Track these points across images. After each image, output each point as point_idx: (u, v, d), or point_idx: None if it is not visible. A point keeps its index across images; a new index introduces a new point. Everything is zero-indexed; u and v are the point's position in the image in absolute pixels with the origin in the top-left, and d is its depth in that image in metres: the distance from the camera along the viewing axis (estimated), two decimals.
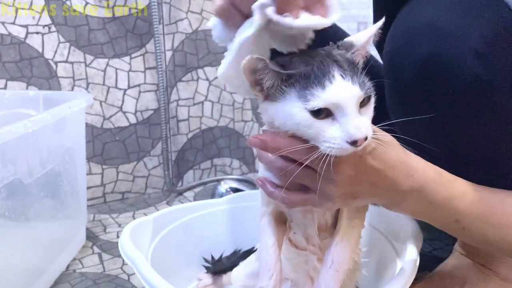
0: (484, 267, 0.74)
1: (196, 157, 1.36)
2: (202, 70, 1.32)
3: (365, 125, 0.45)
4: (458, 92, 0.56)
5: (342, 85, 0.45)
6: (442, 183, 0.55)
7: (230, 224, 0.84)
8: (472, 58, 0.54)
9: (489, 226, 0.57)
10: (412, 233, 0.68)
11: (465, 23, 0.55)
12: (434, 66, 0.56)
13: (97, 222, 1.12)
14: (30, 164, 0.70)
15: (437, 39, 0.55)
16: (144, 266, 0.59)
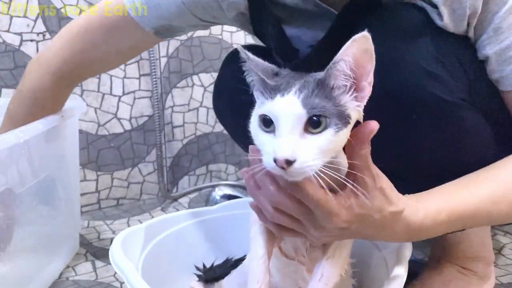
0: (463, 269, 0.77)
1: (191, 163, 1.37)
2: (197, 76, 1.32)
3: (292, 147, 0.41)
4: (422, 117, 0.57)
5: (287, 99, 0.43)
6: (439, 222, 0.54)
7: (222, 232, 0.84)
8: (427, 79, 0.55)
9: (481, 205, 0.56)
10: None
11: (412, 48, 0.56)
12: (394, 93, 0.56)
13: (91, 228, 1.12)
14: (22, 173, 0.70)
15: (390, 67, 0.55)
16: (133, 277, 0.59)
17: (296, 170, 0.42)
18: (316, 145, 0.42)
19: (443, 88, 0.56)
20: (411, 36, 0.57)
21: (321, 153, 0.43)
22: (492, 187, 0.56)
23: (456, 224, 0.56)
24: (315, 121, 0.42)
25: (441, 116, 0.57)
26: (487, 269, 0.79)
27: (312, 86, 0.44)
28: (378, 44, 0.53)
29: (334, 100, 0.44)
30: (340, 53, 0.44)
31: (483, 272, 0.78)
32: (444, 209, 0.54)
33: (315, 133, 0.43)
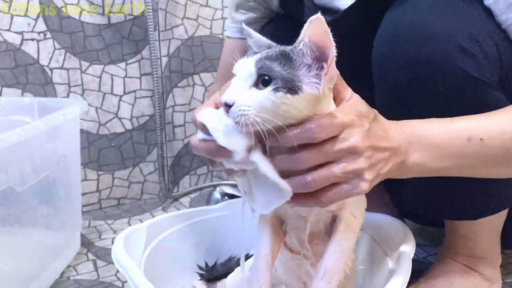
0: (469, 268, 0.77)
1: (192, 162, 1.36)
2: (198, 76, 1.32)
3: (233, 94, 0.47)
4: (449, 90, 0.58)
5: (247, 60, 0.49)
6: (430, 121, 0.55)
7: (224, 230, 0.84)
8: (459, 56, 0.56)
9: (503, 121, 0.55)
10: (404, 237, 0.68)
11: (448, 22, 0.57)
12: (423, 67, 0.57)
13: (92, 228, 1.11)
14: (23, 172, 0.70)
15: (422, 41, 0.57)
16: (136, 275, 0.59)
17: (233, 114, 0.46)
18: (255, 97, 0.46)
19: (473, 65, 0.57)
20: (451, 12, 0.58)
21: (259, 107, 0.46)
22: None
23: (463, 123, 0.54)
24: (265, 80, 0.47)
25: (466, 91, 0.58)
26: (494, 272, 0.78)
27: (270, 53, 0.48)
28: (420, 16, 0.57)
29: (291, 69, 0.47)
30: (301, 34, 0.47)
31: (489, 274, 0.77)
32: (438, 120, 0.55)
33: (259, 87, 0.47)
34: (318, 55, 0.47)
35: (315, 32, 0.46)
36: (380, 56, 0.61)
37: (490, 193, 0.66)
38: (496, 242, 0.77)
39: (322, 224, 0.58)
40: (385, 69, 0.60)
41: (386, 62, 0.60)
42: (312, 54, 0.47)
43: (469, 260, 0.76)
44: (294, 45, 0.48)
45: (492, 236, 0.75)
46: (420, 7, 0.59)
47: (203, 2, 1.28)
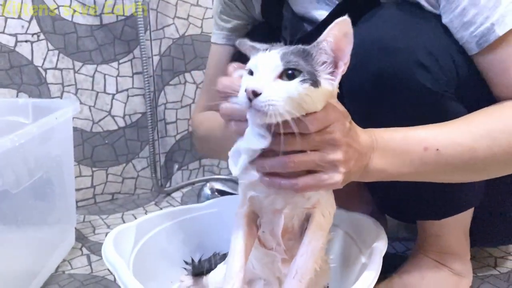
0: (439, 264, 0.81)
1: (184, 158, 1.40)
2: (190, 74, 1.35)
3: (262, 83, 0.48)
4: (409, 101, 0.62)
5: (269, 53, 0.51)
6: (393, 130, 0.59)
7: (211, 227, 0.88)
8: (418, 70, 0.60)
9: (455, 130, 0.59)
10: (377, 235, 0.72)
11: (408, 39, 0.61)
12: (386, 80, 0.62)
13: (87, 223, 1.16)
14: (18, 175, 0.74)
15: (385, 56, 0.61)
16: (124, 274, 0.63)
17: (260, 103, 0.47)
18: (284, 89, 0.48)
19: (430, 79, 0.61)
20: (412, 29, 0.62)
21: (287, 98, 0.48)
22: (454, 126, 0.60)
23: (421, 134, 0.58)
24: (290, 73, 0.49)
25: (424, 102, 0.62)
26: (464, 267, 0.82)
27: (293, 49, 0.51)
28: (383, 33, 0.61)
29: (311, 66, 0.50)
30: (324, 34, 0.51)
31: (459, 269, 0.81)
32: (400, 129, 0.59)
33: (285, 80, 0.49)
34: (336, 54, 0.51)
35: (340, 33, 0.50)
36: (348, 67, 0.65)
37: (451, 195, 0.70)
38: (464, 239, 0.81)
39: (296, 219, 0.61)
40: (353, 80, 0.64)
41: (353, 74, 0.63)
42: (331, 53, 0.51)
43: (439, 256, 0.80)
44: (316, 43, 0.51)
45: (460, 234, 0.79)
46: (385, 23, 0.63)
47: (193, 2, 1.31)
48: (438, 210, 0.74)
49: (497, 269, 0.94)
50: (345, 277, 0.76)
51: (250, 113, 0.50)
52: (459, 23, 0.60)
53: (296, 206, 0.58)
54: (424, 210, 0.75)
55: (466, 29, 0.60)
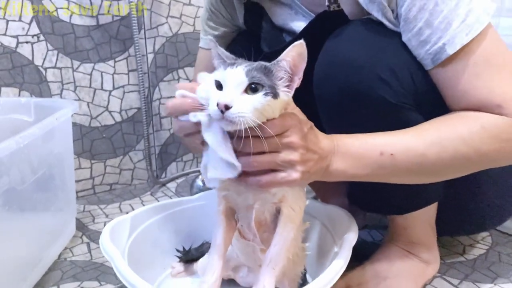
0: (408, 252, 0.88)
1: (179, 150, 1.48)
2: (183, 70, 1.42)
3: (231, 98, 0.55)
4: (371, 112, 0.69)
5: (235, 70, 0.58)
6: (353, 136, 0.66)
7: (200, 219, 0.96)
8: (379, 85, 0.67)
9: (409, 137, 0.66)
10: (349, 227, 0.80)
11: (371, 56, 0.68)
12: (350, 93, 0.68)
13: (86, 213, 1.24)
14: (22, 173, 0.81)
15: (350, 71, 0.68)
16: (120, 264, 0.71)
17: (231, 115, 0.55)
18: (250, 102, 0.56)
19: (390, 93, 0.68)
20: (375, 47, 0.69)
21: (254, 110, 0.56)
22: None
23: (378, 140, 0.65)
24: (253, 87, 0.57)
25: (385, 113, 0.69)
26: (431, 255, 0.89)
27: (256, 66, 0.58)
28: (348, 49, 0.68)
29: (271, 81, 0.58)
30: (283, 54, 0.59)
31: (426, 257, 0.88)
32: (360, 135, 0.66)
33: (250, 93, 0.57)
34: (293, 70, 0.59)
35: (296, 54, 0.58)
36: (318, 80, 0.71)
37: (412, 193, 0.77)
38: (430, 230, 0.88)
39: (267, 213, 0.69)
40: (322, 92, 0.71)
41: (322, 86, 0.70)
42: (289, 70, 0.59)
43: (407, 245, 0.87)
44: (276, 61, 0.59)
45: (425, 226, 0.87)
46: (351, 41, 0.69)
47: (186, 1, 1.36)
48: (400, 206, 0.81)
49: (464, 256, 1.01)
50: (320, 264, 0.83)
51: (222, 123, 0.57)
52: (416, 41, 0.66)
53: (265, 201, 0.66)
54: (388, 206, 0.83)
55: (422, 47, 0.66)
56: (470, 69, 0.65)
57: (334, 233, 0.84)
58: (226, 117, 0.56)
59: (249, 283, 0.80)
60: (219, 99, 0.56)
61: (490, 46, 0.65)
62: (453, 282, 0.91)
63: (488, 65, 0.64)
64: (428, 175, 0.69)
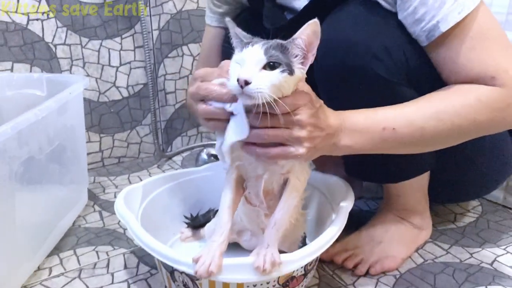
0: (401, 219, 0.94)
1: (183, 125, 1.53)
2: (187, 46, 1.45)
3: (251, 74, 0.59)
4: (366, 87, 0.74)
5: (254, 48, 0.61)
6: (358, 113, 0.70)
7: (206, 188, 1.01)
8: (373, 62, 0.72)
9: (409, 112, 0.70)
10: (346, 194, 0.85)
11: (366, 35, 0.72)
12: (347, 70, 0.73)
13: (97, 184, 1.29)
14: (40, 143, 0.86)
15: (346, 49, 0.72)
16: (135, 225, 0.77)
17: (250, 90, 0.59)
18: (268, 78, 0.60)
19: (383, 69, 0.72)
20: (370, 26, 0.73)
21: (271, 86, 0.60)
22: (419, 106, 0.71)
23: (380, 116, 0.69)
24: (271, 65, 0.60)
25: (379, 88, 0.74)
26: (423, 221, 0.95)
27: (273, 44, 0.62)
28: (344, 29, 0.72)
29: (287, 58, 0.62)
30: (298, 32, 0.62)
31: (419, 223, 0.94)
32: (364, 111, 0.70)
33: (267, 70, 0.60)
34: (307, 48, 0.62)
35: (311, 31, 0.62)
36: (318, 57, 0.76)
37: (404, 163, 0.82)
38: (422, 198, 0.94)
39: (275, 184, 0.74)
40: (320, 69, 0.76)
41: (322, 62, 0.74)
42: (304, 47, 0.62)
43: (401, 212, 0.93)
44: (292, 39, 0.62)
45: (418, 193, 0.92)
46: (348, 20, 0.73)
47: None
48: (394, 175, 0.87)
49: (455, 224, 1.08)
50: (318, 229, 0.89)
51: (242, 97, 0.61)
52: (411, 20, 0.71)
53: (274, 172, 0.71)
54: (382, 175, 0.88)
55: (417, 25, 0.70)
56: (464, 44, 0.69)
57: (332, 201, 0.90)
58: (246, 92, 0.59)
59: (252, 247, 0.85)
60: (239, 75, 0.59)
61: (483, 22, 0.69)
62: (444, 247, 0.97)
63: (481, 39, 0.68)
64: (427, 146, 0.74)
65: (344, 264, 0.89)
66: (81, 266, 0.91)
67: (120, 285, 0.85)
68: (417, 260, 0.92)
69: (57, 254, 0.95)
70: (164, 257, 0.71)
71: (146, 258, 0.92)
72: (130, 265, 0.91)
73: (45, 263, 0.91)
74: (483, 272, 0.88)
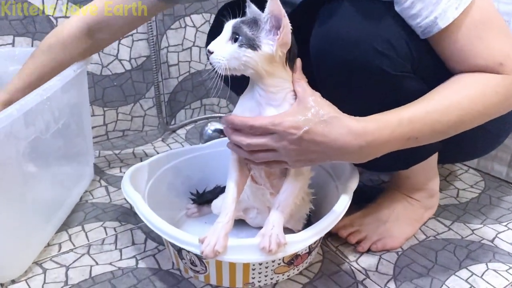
0: (409, 197, 0.94)
1: (187, 98, 1.52)
2: (189, 17, 1.43)
3: (214, 45, 0.65)
4: (371, 83, 0.72)
5: (229, 22, 0.66)
6: (382, 126, 0.65)
7: (212, 165, 1.02)
8: (376, 57, 0.69)
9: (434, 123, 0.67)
10: (351, 173, 0.86)
11: (367, 30, 0.69)
12: (349, 67, 0.70)
13: (102, 158, 1.30)
14: (46, 123, 0.86)
15: (346, 46, 0.69)
16: (142, 206, 0.78)
17: (211, 60, 0.65)
18: (228, 50, 0.64)
19: (388, 63, 0.70)
20: (370, 20, 0.70)
21: (230, 58, 0.64)
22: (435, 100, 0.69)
23: (406, 129, 0.66)
24: (236, 38, 0.64)
25: (384, 83, 0.72)
26: (430, 200, 0.96)
27: (247, 20, 0.65)
28: (343, 25, 0.70)
29: (255, 32, 0.64)
30: (265, 10, 0.64)
31: (426, 201, 0.95)
32: (387, 113, 0.66)
33: (234, 43, 0.65)
34: (275, 24, 0.64)
35: (273, 7, 0.63)
36: (314, 55, 0.73)
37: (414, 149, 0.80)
38: (433, 175, 0.93)
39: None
40: (321, 68, 0.73)
41: (320, 59, 0.72)
42: (272, 23, 0.64)
43: (410, 191, 0.93)
44: (263, 15, 0.64)
45: (428, 172, 0.92)
46: (346, 16, 0.70)
47: None
48: (405, 162, 0.86)
49: (457, 199, 1.09)
50: (323, 208, 0.91)
51: None
52: (407, 14, 0.68)
53: None
54: (393, 164, 0.87)
55: (413, 20, 0.68)
56: (470, 34, 0.67)
57: (337, 180, 0.91)
58: (210, 61, 0.65)
59: (258, 224, 0.88)
60: (208, 46, 0.65)
61: (486, 10, 0.68)
62: (446, 223, 0.99)
63: (485, 28, 0.67)
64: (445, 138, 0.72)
65: (347, 238, 0.91)
66: (89, 242, 0.93)
67: (129, 261, 0.87)
68: (419, 236, 0.94)
69: (66, 230, 0.96)
70: (172, 238, 0.73)
71: (153, 234, 0.94)
72: (137, 241, 0.93)
73: (54, 239, 0.93)
74: (484, 249, 0.90)
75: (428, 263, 0.86)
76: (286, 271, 0.80)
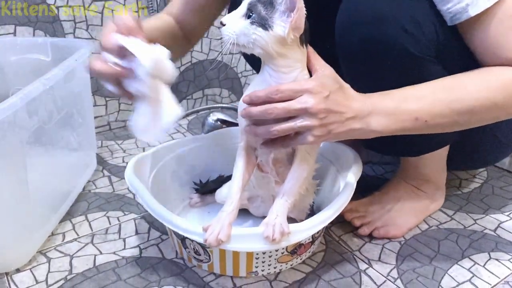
0: (415, 188, 0.94)
1: (189, 88, 1.52)
2: None
3: (228, 19, 0.64)
4: (394, 63, 0.71)
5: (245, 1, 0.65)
6: (389, 99, 0.67)
7: (214, 155, 1.02)
8: (402, 36, 0.69)
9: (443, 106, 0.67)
10: (354, 163, 0.86)
11: (394, 7, 0.69)
12: (373, 44, 0.70)
13: (104, 148, 1.30)
14: (49, 112, 0.86)
15: (373, 23, 0.69)
16: (146, 195, 0.78)
17: (221, 32, 0.65)
18: (239, 25, 0.64)
19: (413, 43, 0.69)
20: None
21: (240, 34, 0.64)
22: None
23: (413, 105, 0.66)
24: (250, 15, 0.64)
25: (407, 64, 0.71)
26: (437, 192, 0.95)
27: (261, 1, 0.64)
28: (372, 1, 0.69)
29: (269, 12, 0.63)
30: None
31: (432, 193, 0.94)
32: (394, 92, 0.67)
33: (248, 19, 0.64)
34: (290, 6, 0.63)
35: None
36: (340, 31, 0.72)
37: (427, 137, 0.77)
38: (441, 168, 0.93)
39: (284, 152, 0.76)
40: (345, 40, 0.72)
41: (346, 35, 0.71)
42: (287, 5, 0.62)
43: (417, 182, 0.93)
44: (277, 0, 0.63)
45: (437, 164, 0.91)
46: None
47: None
48: (417, 149, 0.86)
49: (460, 189, 1.09)
50: (326, 198, 0.91)
51: None
52: None
53: None
54: (404, 149, 0.87)
55: (444, 5, 0.67)
56: (502, 25, 0.65)
57: (340, 169, 0.91)
58: (221, 32, 0.64)
59: (262, 213, 0.88)
60: (222, 18, 0.65)
61: None
62: (448, 213, 0.99)
63: None
64: (452, 129, 0.72)
65: (352, 220, 0.91)
66: (93, 231, 0.93)
67: (132, 250, 0.87)
68: (422, 226, 0.94)
69: (69, 219, 0.97)
70: (175, 226, 0.73)
71: (156, 223, 0.95)
72: (141, 231, 0.93)
73: (58, 228, 0.94)
74: (486, 239, 0.91)
75: (430, 252, 0.86)
76: (289, 260, 0.80)
